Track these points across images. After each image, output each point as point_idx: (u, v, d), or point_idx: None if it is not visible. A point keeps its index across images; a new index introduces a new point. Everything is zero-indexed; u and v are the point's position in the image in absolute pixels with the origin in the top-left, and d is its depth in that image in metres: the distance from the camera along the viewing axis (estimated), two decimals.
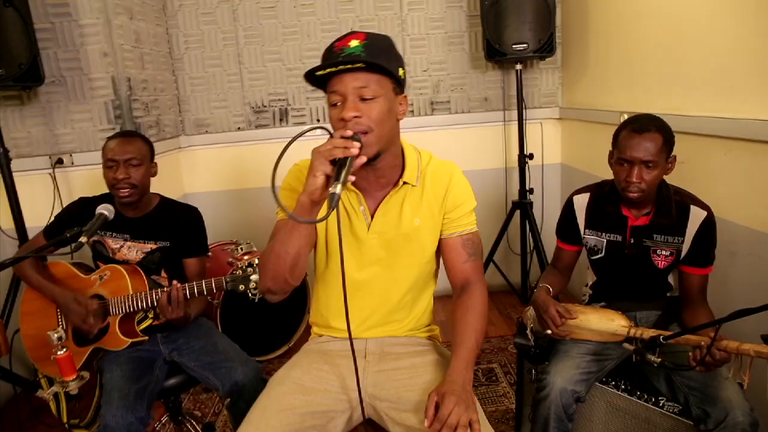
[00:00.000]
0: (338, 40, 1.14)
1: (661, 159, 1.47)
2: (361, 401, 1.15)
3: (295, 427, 1.14)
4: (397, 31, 3.18)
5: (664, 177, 1.58)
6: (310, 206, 1.05)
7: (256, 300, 1.62)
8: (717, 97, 1.86)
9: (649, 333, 1.41)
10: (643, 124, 1.49)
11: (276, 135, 3.21)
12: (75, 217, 1.75)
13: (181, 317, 1.62)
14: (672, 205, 1.56)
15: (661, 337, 1.30)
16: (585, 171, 3.08)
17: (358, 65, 1.09)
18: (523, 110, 3.04)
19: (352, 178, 1.02)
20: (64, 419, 1.69)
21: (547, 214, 3.36)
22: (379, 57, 1.10)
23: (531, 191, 3.13)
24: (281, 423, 1.13)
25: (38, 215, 2.48)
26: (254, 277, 1.57)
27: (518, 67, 2.97)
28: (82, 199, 1.83)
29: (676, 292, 1.66)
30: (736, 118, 1.76)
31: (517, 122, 3.09)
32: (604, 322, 1.51)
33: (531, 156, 3.08)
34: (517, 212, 3.16)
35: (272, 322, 2.80)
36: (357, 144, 1.04)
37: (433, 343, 1.39)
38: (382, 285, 1.31)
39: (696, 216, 1.54)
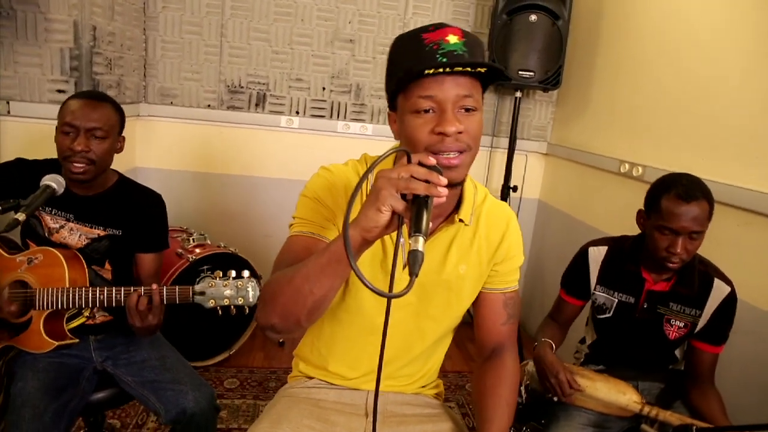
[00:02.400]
0: (425, 30, 0.91)
1: (706, 227, 1.36)
2: None
3: None
4: (397, 32, 2.96)
5: None
6: (360, 246, 0.80)
7: (221, 313, 1.37)
8: (738, 164, 1.79)
9: (665, 414, 1.28)
10: (689, 190, 1.34)
11: (249, 120, 2.91)
12: (9, 183, 1.42)
13: (153, 326, 1.33)
14: (695, 275, 1.45)
15: (695, 428, 1.16)
16: (563, 211, 3.01)
17: (479, 69, 0.88)
18: (515, 140, 2.93)
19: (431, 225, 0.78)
20: None
21: None
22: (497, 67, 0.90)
23: None
24: None
25: None
26: (228, 292, 1.30)
27: (518, 94, 2.85)
28: (20, 162, 1.49)
29: (679, 366, 1.55)
30: (756, 191, 1.69)
31: (504, 151, 2.98)
32: (614, 395, 1.37)
33: (515, 188, 2.97)
34: None
35: (214, 324, 2.49)
36: (444, 180, 0.77)
37: (441, 403, 1.19)
38: (405, 335, 1.09)
39: (719, 291, 1.44)
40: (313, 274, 0.84)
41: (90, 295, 1.34)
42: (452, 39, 0.89)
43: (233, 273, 1.32)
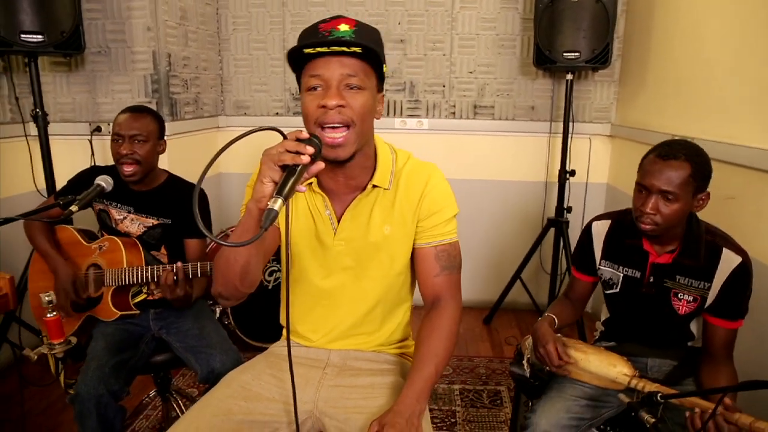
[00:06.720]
0: (323, 21, 1.06)
1: (684, 192, 1.29)
2: (296, 415, 1.06)
3: None
4: (446, 29, 3.06)
5: (698, 214, 1.41)
6: (258, 215, 0.94)
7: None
8: None
9: (651, 387, 1.25)
10: (671, 149, 1.31)
11: None
12: (83, 184, 1.77)
13: (181, 297, 1.61)
14: (701, 245, 1.37)
15: (659, 395, 1.14)
16: (631, 195, 2.85)
17: (354, 49, 1.00)
18: (570, 123, 2.85)
19: (302, 188, 0.92)
20: (60, 378, 1.70)
21: None
22: (370, 47, 1.02)
23: (569, 210, 2.94)
24: (212, 428, 1.06)
25: None
26: None
27: (569, 77, 2.78)
28: (93, 167, 1.85)
29: (698, 343, 1.48)
30: None
31: (562, 135, 2.92)
32: (604, 367, 1.36)
33: (573, 173, 2.89)
34: (552, 230, 2.98)
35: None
36: (311, 149, 0.90)
37: (402, 361, 1.29)
38: (349, 296, 1.22)
39: (728, 261, 1.35)
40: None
41: (138, 272, 1.63)
42: (343, 27, 1.02)
43: None
